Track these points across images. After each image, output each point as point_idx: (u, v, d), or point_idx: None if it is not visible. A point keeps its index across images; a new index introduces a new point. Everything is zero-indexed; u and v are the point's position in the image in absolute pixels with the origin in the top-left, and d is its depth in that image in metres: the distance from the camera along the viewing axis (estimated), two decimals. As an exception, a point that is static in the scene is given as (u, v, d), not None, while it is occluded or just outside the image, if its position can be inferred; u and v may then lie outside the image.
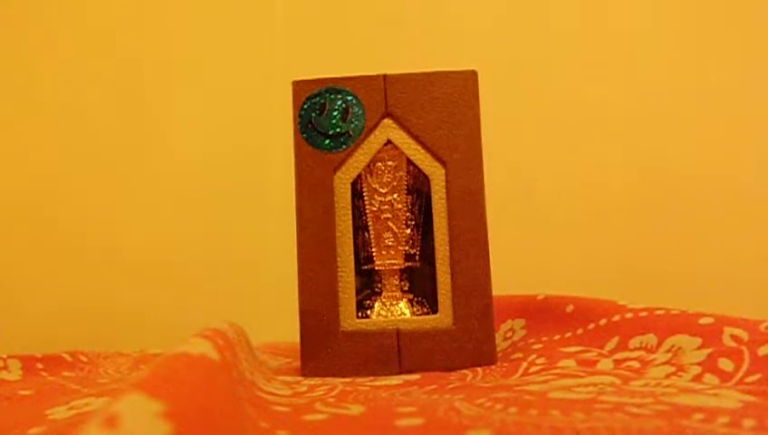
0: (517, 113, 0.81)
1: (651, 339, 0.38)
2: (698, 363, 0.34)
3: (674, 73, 0.81)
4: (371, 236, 0.46)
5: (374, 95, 0.44)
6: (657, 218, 0.78)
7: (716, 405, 0.24)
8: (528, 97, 0.82)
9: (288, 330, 0.51)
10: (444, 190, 0.43)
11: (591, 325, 0.42)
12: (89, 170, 0.85)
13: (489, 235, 0.43)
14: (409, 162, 0.45)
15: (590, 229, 0.79)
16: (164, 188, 0.84)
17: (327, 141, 0.44)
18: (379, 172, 0.45)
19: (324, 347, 0.42)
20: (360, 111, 0.44)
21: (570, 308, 0.46)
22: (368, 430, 0.24)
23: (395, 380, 0.38)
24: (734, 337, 0.34)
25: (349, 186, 0.44)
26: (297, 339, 0.43)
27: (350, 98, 0.44)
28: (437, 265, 0.43)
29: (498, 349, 0.46)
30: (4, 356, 0.51)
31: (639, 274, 0.76)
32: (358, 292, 0.44)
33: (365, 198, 0.46)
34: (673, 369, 0.34)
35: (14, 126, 0.86)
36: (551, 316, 0.47)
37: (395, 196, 0.45)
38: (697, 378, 0.32)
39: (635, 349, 0.38)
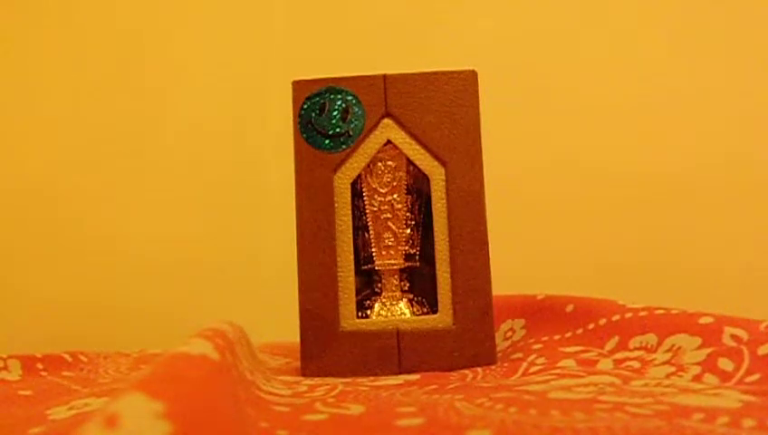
0: (517, 113, 0.81)
1: (651, 339, 0.38)
2: (698, 363, 0.34)
3: (673, 73, 0.81)
4: (371, 236, 0.46)
5: (374, 95, 0.44)
6: (657, 219, 0.78)
7: (716, 405, 0.24)
8: (528, 97, 0.82)
9: (288, 330, 0.51)
10: (444, 190, 0.43)
11: (591, 325, 0.42)
12: (89, 170, 0.85)
13: (489, 235, 0.43)
14: (409, 162, 0.45)
15: (591, 229, 0.79)
16: (164, 187, 0.84)
17: (327, 141, 0.44)
18: (379, 172, 0.45)
19: (324, 347, 0.42)
20: (360, 111, 0.44)
21: (570, 308, 0.46)
22: (368, 430, 0.24)
23: (395, 380, 0.38)
24: (734, 337, 0.34)
25: (349, 186, 0.44)
26: (297, 339, 0.43)
27: (350, 98, 0.44)
28: (437, 265, 0.43)
29: (498, 349, 0.46)
30: (5, 356, 0.51)
31: (640, 273, 0.76)
32: (358, 292, 0.44)
33: (365, 198, 0.46)
34: (673, 369, 0.34)
35: (14, 125, 0.86)
36: (551, 316, 0.47)
37: (395, 196, 0.45)
38: (697, 378, 0.32)
39: (635, 349, 0.38)
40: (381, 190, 0.45)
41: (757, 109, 0.79)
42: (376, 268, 0.46)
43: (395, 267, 0.46)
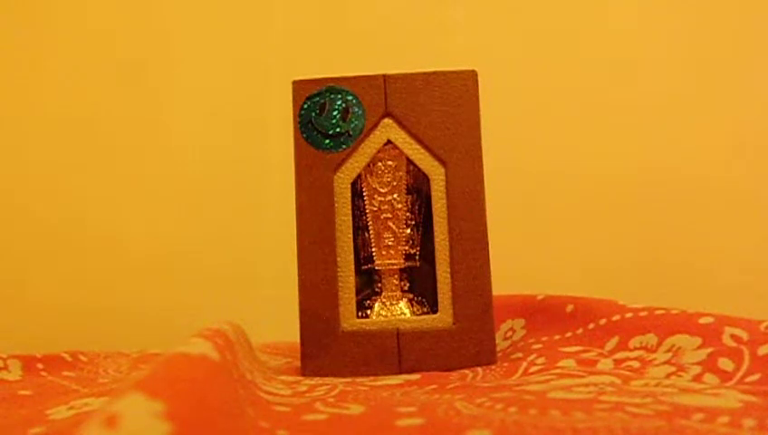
0: (517, 113, 0.81)
1: (651, 339, 0.38)
2: (698, 363, 0.34)
3: (673, 73, 0.81)
4: (371, 236, 0.46)
5: (374, 95, 0.44)
6: (657, 219, 0.78)
7: (716, 405, 0.24)
8: (528, 97, 0.82)
9: (288, 330, 0.50)
10: (444, 190, 0.43)
11: (591, 325, 0.42)
12: (89, 170, 0.85)
13: (489, 235, 0.43)
14: (409, 162, 0.45)
15: (590, 229, 0.79)
16: (164, 188, 0.84)
17: (327, 141, 0.44)
18: (379, 172, 0.45)
19: (324, 347, 0.42)
20: (360, 111, 0.44)
21: (570, 308, 0.46)
22: (368, 430, 0.24)
23: (395, 380, 0.38)
24: (734, 337, 0.34)
25: (349, 186, 0.44)
26: (297, 339, 0.43)
27: (350, 98, 0.44)
28: (437, 265, 0.43)
29: (498, 349, 0.46)
30: (5, 356, 0.51)
31: (640, 274, 0.76)
32: (358, 292, 0.44)
33: (365, 197, 0.46)
34: (673, 369, 0.34)
35: (14, 126, 0.86)
36: (551, 316, 0.47)
37: (395, 196, 0.45)
38: (697, 378, 0.32)
39: (635, 349, 0.38)
40: (381, 190, 0.45)
41: (757, 109, 0.79)
42: (376, 268, 0.46)
43: (395, 267, 0.46)
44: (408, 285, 0.46)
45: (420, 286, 0.46)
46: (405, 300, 0.45)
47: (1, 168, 0.85)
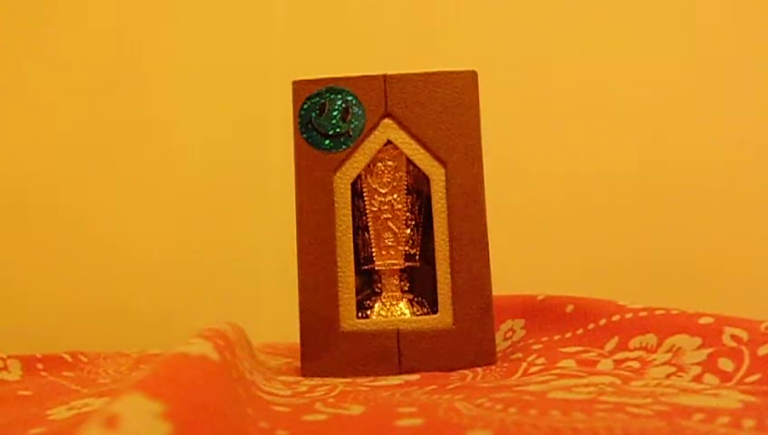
0: (517, 113, 0.81)
1: (651, 339, 0.38)
2: (698, 363, 0.34)
3: (674, 73, 0.81)
4: (371, 236, 0.46)
5: (374, 95, 0.44)
6: (658, 219, 0.78)
7: (716, 405, 0.24)
8: (528, 97, 0.82)
9: (288, 330, 0.51)
10: (444, 190, 0.43)
11: (591, 325, 0.42)
12: (89, 170, 0.85)
13: (489, 235, 0.43)
14: (409, 162, 0.45)
15: (591, 230, 0.79)
16: (164, 188, 0.84)
17: (327, 141, 0.44)
18: (379, 172, 0.45)
19: (324, 347, 0.42)
20: (360, 111, 0.44)
21: (570, 308, 0.46)
22: (368, 430, 0.24)
23: (395, 380, 0.38)
24: (734, 337, 0.34)
25: (349, 186, 0.44)
26: (297, 339, 0.43)
27: (350, 98, 0.44)
28: (437, 265, 0.43)
29: (498, 349, 0.46)
30: (4, 356, 0.51)
31: (640, 274, 0.76)
32: (358, 292, 0.44)
33: (365, 198, 0.46)
34: (673, 369, 0.34)
35: (14, 125, 0.86)
36: (551, 316, 0.47)
37: (395, 196, 0.45)
38: (697, 378, 0.32)
39: (635, 349, 0.38)
40: (381, 190, 0.45)
41: (757, 109, 0.79)
42: (376, 268, 0.46)
43: (395, 267, 0.46)
44: (408, 285, 0.46)
45: (420, 287, 0.46)
46: (405, 300, 0.45)
47: (1, 168, 0.85)
